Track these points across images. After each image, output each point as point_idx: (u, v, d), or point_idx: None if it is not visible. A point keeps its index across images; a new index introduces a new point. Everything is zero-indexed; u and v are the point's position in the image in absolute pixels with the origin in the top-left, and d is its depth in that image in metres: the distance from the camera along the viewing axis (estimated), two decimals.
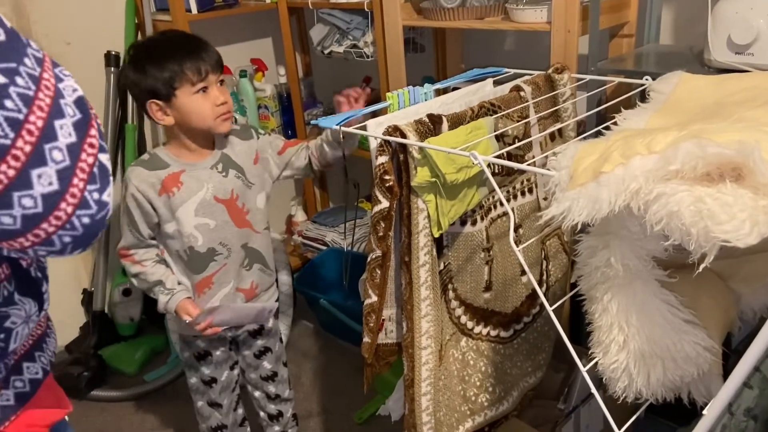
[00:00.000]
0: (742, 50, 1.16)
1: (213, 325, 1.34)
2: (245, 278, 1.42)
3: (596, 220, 0.72)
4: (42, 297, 0.71)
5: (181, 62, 1.24)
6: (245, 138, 1.41)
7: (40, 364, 0.74)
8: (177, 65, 1.24)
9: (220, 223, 1.35)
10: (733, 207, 0.59)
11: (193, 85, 1.26)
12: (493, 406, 1.28)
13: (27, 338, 0.71)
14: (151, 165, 1.33)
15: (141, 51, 1.30)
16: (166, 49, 1.26)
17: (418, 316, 1.09)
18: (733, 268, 1.05)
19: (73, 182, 0.53)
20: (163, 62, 1.24)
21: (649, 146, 0.70)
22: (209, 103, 1.28)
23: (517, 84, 1.21)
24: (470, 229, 1.15)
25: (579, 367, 0.84)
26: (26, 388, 0.71)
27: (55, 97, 0.52)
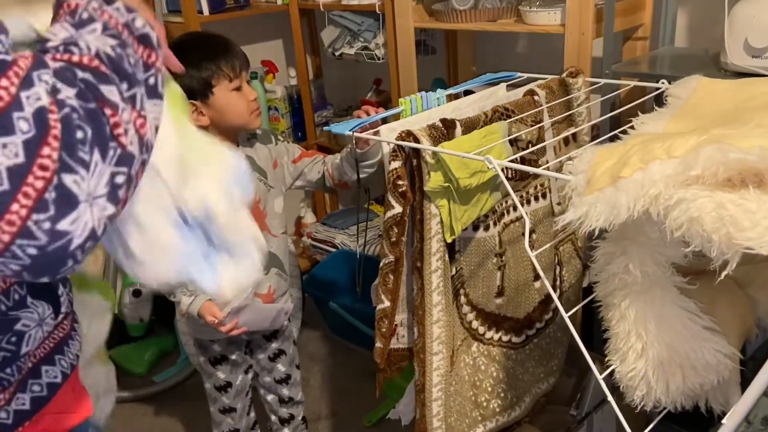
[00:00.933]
0: (759, 54, 1.15)
1: (239, 326, 1.34)
2: (263, 283, 1.42)
3: (614, 225, 0.70)
4: (58, 300, 0.70)
5: (217, 61, 1.26)
6: (266, 142, 1.42)
7: (60, 367, 0.72)
8: (213, 64, 1.26)
9: None
10: (756, 213, 0.58)
11: (230, 81, 1.27)
12: (504, 412, 1.27)
13: (45, 341, 0.69)
14: None
15: (174, 52, 1.27)
16: (200, 49, 1.27)
17: (429, 321, 1.08)
18: (750, 275, 1.03)
19: (12, 209, 0.46)
20: (199, 62, 1.25)
21: (669, 151, 0.69)
22: (244, 99, 1.30)
23: (531, 88, 1.20)
24: (483, 234, 1.14)
25: (595, 375, 0.82)
26: (44, 393, 0.70)
27: (8, 110, 0.46)
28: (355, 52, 2.12)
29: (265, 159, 1.40)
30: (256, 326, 1.43)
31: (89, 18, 0.56)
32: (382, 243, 1.06)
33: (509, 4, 1.69)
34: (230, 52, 1.28)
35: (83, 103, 0.50)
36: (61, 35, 0.54)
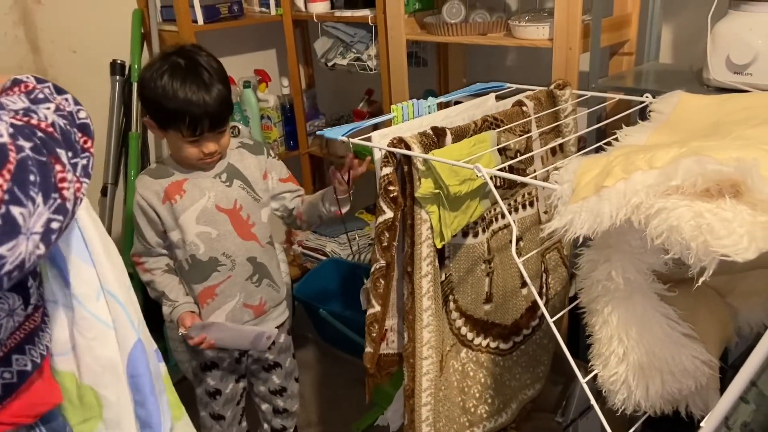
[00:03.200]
0: (740, 70, 1.19)
1: (214, 343, 1.35)
2: (254, 294, 1.43)
3: (597, 233, 0.73)
4: (28, 292, 0.74)
5: (182, 112, 1.23)
6: (257, 153, 1.44)
7: (30, 357, 0.75)
8: (177, 113, 1.23)
9: (223, 232, 1.37)
10: (732, 222, 0.61)
11: (183, 137, 1.27)
12: (492, 418, 1.29)
13: (15, 332, 0.73)
14: (156, 173, 1.35)
15: (157, 70, 1.26)
16: (176, 85, 1.23)
17: (420, 326, 1.10)
18: (730, 284, 1.07)
19: None
20: (167, 98, 1.23)
21: (650, 162, 0.72)
22: (197, 149, 1.30)
23: (520, 99, 1.23)
24: (472, 240, 1.17)
25: (579, 379, 0.85)
26: (14, 380, 0.73)
27: None
28: (347, 63, 2.15)
29: (253, 168, 1.41)
30: (232, 345, 1.43)
31: (44, 98, 0.67)
32: (374, 248, 1.08)
33: (499, 19, 1.73)
34: (201, 109, 1.23)
35: (37, 155, 0.58)
36: (18, 105, 0.64)
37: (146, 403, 0.84)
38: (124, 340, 0.82)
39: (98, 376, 0.80)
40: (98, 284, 0.82)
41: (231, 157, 1.39)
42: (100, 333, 0.80)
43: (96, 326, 0.79)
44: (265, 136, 2.45)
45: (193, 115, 1.24)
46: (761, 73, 1.15)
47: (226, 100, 1.29)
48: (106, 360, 0.80)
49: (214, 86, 1.27)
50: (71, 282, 0.80)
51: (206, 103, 1.25)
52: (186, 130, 1.25)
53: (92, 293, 0.81)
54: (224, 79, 1.31)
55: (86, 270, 0.81)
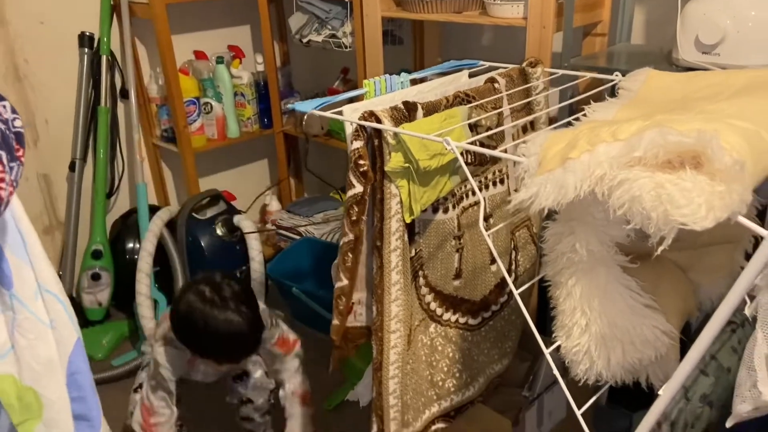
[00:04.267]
0: (708, 50, 1.20)
1: None
2: None
3: (562, 205, 0.74)
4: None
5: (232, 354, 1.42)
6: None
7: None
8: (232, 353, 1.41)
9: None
10: (691, 192, 0.62)
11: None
12: (459, 392, 1.30)
13: None
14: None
15: (223, 303, 1.35)
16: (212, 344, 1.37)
17: (388, 300, 1.11)
18: (693, 260, 1.09)
19: None
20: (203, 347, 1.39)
21: (615, 134, 0.73)
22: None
23: (492, 76, 1.23)
24: (442, 216, 1.17)
25: (543, 351, 0.86)
26: None
27: None
28: (322, 40, 2.13)
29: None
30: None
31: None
32: (343, 222, 1.08)
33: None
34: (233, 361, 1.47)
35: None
36: None
37: (86, 398, 0.84)
38: (65, 338, 0.80)
39: (38, 375, 0.79)
40: (35, 284, 0.80)
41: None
42: (41, 333, 0.78)
43: (37, 326, 0.78)
44: (239, 113, 2.42)
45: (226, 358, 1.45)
46: (729, 53, 1.17)
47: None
48: (46, 359, 0.79)
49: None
50: (13, 282, 0.78)
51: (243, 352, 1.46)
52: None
53: (31, 293, 0.79)
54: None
55: (25, 270, 0.79)
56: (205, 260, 2.12)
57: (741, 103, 0.77)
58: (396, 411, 1.19)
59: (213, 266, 2.14)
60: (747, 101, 0.78)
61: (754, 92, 0.84)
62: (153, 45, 2.23)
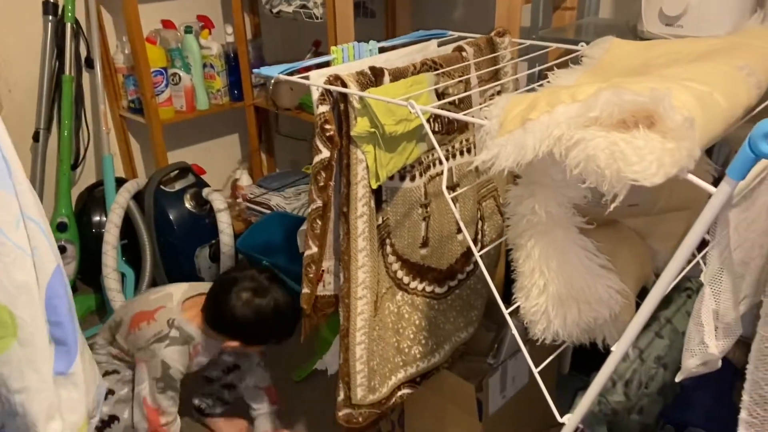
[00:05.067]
0: (672, 22, 1.22)
1: None
2: None
3: (522, 166, 0.75)
4: None
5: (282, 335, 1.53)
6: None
7: None
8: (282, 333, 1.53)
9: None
10: (643, 149, 0.63)
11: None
12: (425, 358, 1.32)
13: None
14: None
15: (268, 292, 1.50)
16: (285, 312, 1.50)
17: (355, 266, 1.12)
18: (651, 227, 1.12)
19: None
20: (282, 321, 1.51)
21: (574, 96, 0.74)
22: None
23: (460, 45, 1.23)
24: (409, 184, 1.18)
25: (503, 312, 0.88)
26: None
27: None
28: (293, 10, 2.10)
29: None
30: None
31: None
32: (310, 188, 1.08)
33: None
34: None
35: None
36: None
37: (63, 324, 0.87)
38: (45, 265, 0.82)
39: (13, 297, 0.82)
40: (19, 212, 0.81)
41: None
42: (18, 258, 0.80)
43: (14, 251, 0.79)
44: (208, 85, 2.39)
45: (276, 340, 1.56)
46: (691, 25, 1.19)
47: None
48: (23, 283, 0.81)
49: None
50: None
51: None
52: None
53: (12, 220, 0.80)
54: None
55: (7, 198, 0.81)
56: (173, 233, 2.11)
57: (697, 67, 0.79)
58: (363, 377, 1.20)
59: (181, 239, 2.12)
60: (702, 65, 0.80)
61: (711, 57, 0.86)
62: (119, 13, 2.18)
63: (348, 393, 1.22)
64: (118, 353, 1.56)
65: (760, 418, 0.69)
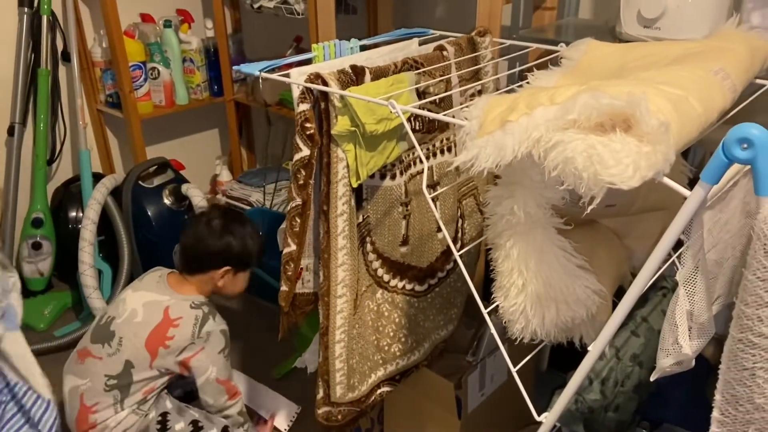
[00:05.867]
0: (650, 24, 1.23)
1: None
2: None
3: (501, 166, 0.75)
4: None
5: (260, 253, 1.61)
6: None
7: None
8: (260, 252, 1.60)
9: None
10: (619, 153, 0.64)
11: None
12: (404, 356, 1.33)
13: None
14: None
15: (237, 220, 1.57)
16: (257, 233, 1.58)
17: (334, 264, 1.12)
18: (627, 227, 1.13)
19: None
20: (257, 240, 1.59)
21: (552, 98, 0.74)
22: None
23: (441, 44, 1.23)
24: (390, 183, 1.18)
25: (482, 311, 0.89)
26: None
27: None
28: (274, 6, 2.09)
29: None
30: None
31: None
32: (290, 186, 1.08)
33: None
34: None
35: None
36: None
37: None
38: None
39: None
40: None
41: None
42: None
43: None
44: (188, 80, 2.37)
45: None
46: (669, 27, 1.21)
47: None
48: None
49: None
50: None
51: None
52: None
53: None
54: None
55: None
56: (151, 229, 2.09)
57: (673, 71, 0.80)
58: (342, 375, 1.20)
59: (160, 235, 2.10)
60: (678, 69, 0.81)
61: (687, 61, 0.87)
62: (96, 6, 2.15)
63: (327, 391, 1.22)
64: (150, 388, 1.49)
65: (732, 417, 0.70)
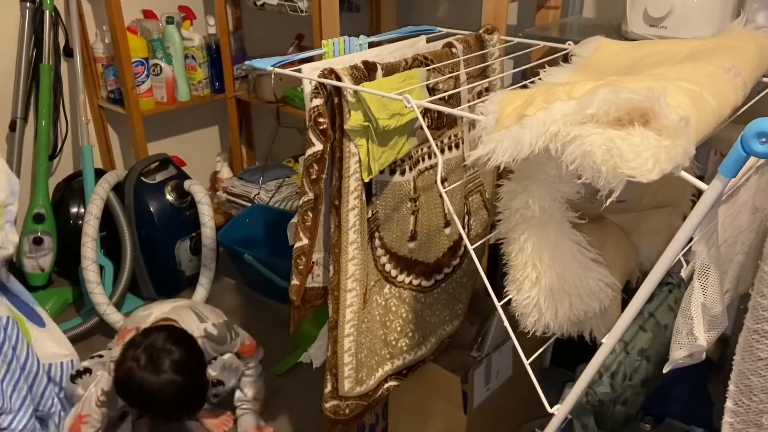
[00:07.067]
0: (656, 23, 1.25)
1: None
2: None
3: (518, 161, 0.76)
4: None
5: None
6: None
7: None
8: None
9: None
10: (639, 146, 0.65)
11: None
12: (411, 351, 1.34)
13: None
14: None
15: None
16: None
17: (345, 258, 1.12)
18: (635, 223, 1.15)
19: None
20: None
21: (570, 93, 0.75)
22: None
23: (449, 41, 1.24)
24: (399, 178, 1.19)
25: (495, 304, 0.90)
26: None
27: None
28: (277, 3, 2.09)
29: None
30: None
31: None
32: (302, 181, 1.08)
33: None
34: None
35: None
36: None
37: None
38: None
39: None
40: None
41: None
42: None
43: None
44: (189, 76, 2.36)
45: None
46: (675, 26, 1.22)
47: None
48: None
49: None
50: None
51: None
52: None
53: None
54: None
55: None
56: (154, 225, 2.09)
57: (685, 68, 0.82)
58: (351, 369, 1.21)
59: (162, 232, 2.10)
60: (691, 66, 0.83)
61: (698, 58, 0.88)
62: (99, 1, 2.14)
63: (335, 385, 1.22)
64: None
65: (745, 407, 0.72)
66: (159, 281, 2.16)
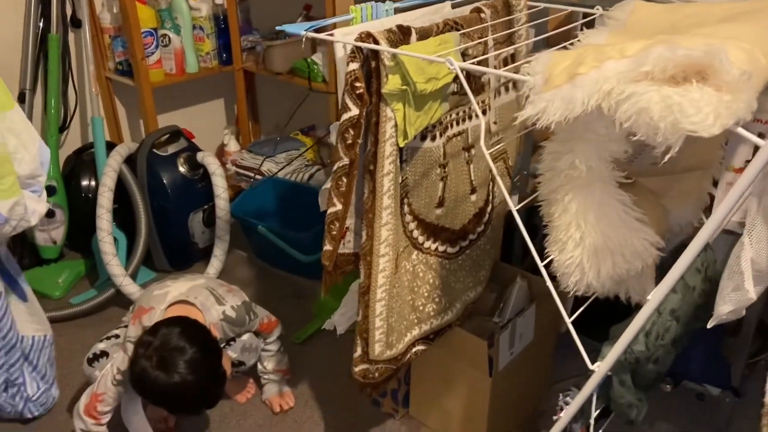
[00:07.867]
0: None
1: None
2: None
3: (570, 120, 0.77)
4: None
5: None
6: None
7: None
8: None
9: None
10: (699, 102, 0.66)
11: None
12: (438, 316, 1.35)
13: None
14: None
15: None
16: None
17: (379, 224, 1.13)
18: (666, 186, 1.16)
19: None
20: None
21: (622, 51, 0.76)
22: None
23: (478, 6, 1.24)
24: (429, 144, 1.19)
25: (538, 264, 0.91)
26: None
27: None
28: None
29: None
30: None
31: None
32: (337, 146, 1.09)
33: None
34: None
35: None
36: None
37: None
38: None
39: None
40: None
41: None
42: None
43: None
44: (197, 47, 2.34)
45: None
46: None
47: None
48: None
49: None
50: None
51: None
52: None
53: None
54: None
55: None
56: (167, 197, 2.08)
57: (731, 27, 0.82)
58: (381, 333, 1.23)
59: (175, 204, 2.10)
60: (735, 26, 0.83)
61: (738, 19, 0.89)
62: None
63: (366, 349, 1.24)
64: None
65: None
66: (172, 253, 2.16)
